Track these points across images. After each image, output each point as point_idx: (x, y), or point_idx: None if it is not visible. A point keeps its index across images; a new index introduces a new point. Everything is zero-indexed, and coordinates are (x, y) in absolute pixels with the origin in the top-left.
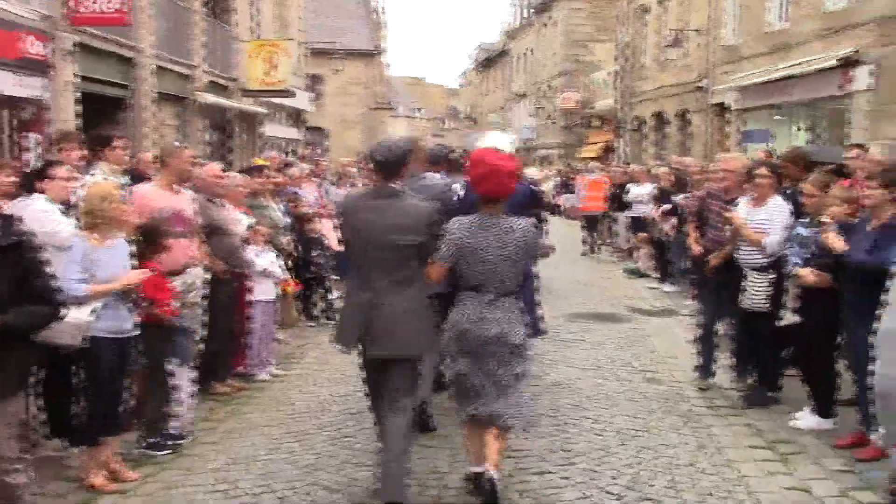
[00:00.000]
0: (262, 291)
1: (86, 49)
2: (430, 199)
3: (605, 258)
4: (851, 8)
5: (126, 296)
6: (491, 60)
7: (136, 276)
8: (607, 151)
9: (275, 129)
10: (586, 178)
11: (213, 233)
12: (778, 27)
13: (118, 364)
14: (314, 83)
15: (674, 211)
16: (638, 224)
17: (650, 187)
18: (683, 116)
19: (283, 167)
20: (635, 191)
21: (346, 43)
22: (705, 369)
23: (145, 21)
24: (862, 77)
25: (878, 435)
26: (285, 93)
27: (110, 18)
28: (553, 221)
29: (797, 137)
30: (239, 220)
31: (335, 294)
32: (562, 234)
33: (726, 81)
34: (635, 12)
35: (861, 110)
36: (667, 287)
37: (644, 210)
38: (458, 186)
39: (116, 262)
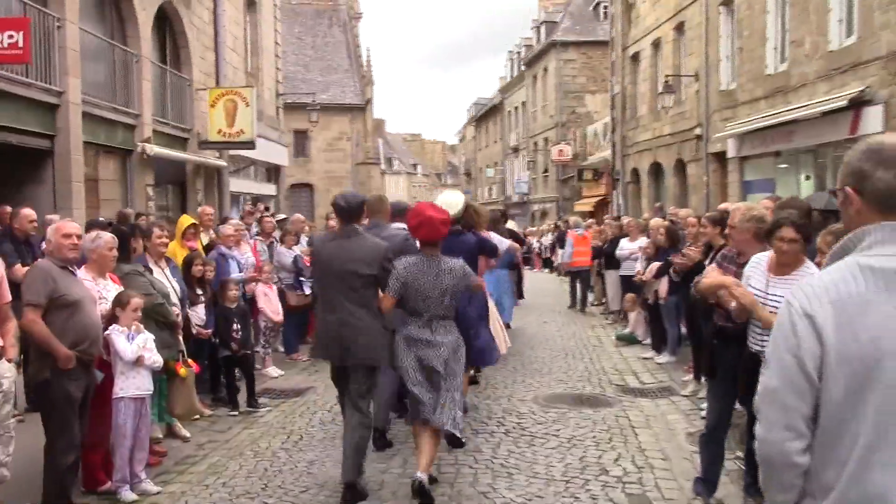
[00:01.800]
0: (130, 385)
1: None
2: (392, 245)
3: (596, 319)
4: (856, 45)
5: None
6: (486, 115)
7: None
8: (604, 205)
9: (245, 185)
10: (572, 234)
11: (56, 308)
12: (777, 69)
13: None
14: (299, 139)
15: (667, 269)
16: (629, 284)
17: (641, 242)
18: (681, 166)
19: (223, 222)
20: (625, 246)
21: (333, 97)
22: (707, 484)
23: (72, 64)
24: (872, 119)
25: None
26: (248, 144)
27: (5, 56)
28: (546, 277)
29: (803, 186)
30: (101, 291)
31: (274, 372)
32: (553, 288)
33: (724, 129)
34: (628, 61)
35: None
36: (662, 358)
37: (635, 268)
38: None
39: None
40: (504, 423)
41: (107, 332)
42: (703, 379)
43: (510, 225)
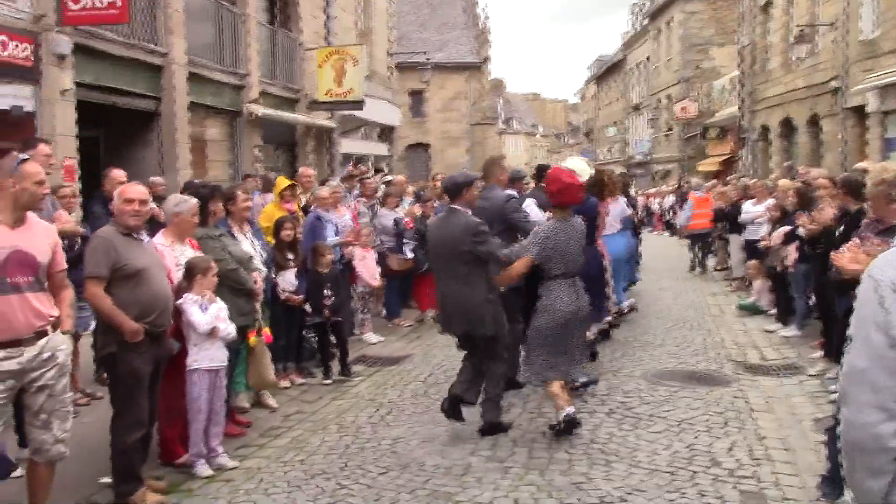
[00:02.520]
0: (204, 357)
1: (91, 53)
2: (492, 207)
3: (717, 285)
4: None
5: None
6: (608, 72)
7: None
8: (730, 164)
9: (357, 146)
10: (692, 196)
11: (120, 279)
12: None
13: None
14: (415, 99)
15: (795, 235)
16: (753, 249)
17: (768, 205)
18: (815, 123)
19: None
20: (750, 209)
21: (449, 56)
22: (836, 484)
23: (176, 24)
24: None
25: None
26: (357, 104)
27: (102, 16)
28: (666, 241)
29: None
30: (173, 259)
31: (373, 338)
32: (673, 252)
33: (864, 81)
34: (759, 10)
35: None
36: (788, 331)
37: (760, 232)
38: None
39: None
40: (607, 401)
41: (179, 301)
42: (835, 357)
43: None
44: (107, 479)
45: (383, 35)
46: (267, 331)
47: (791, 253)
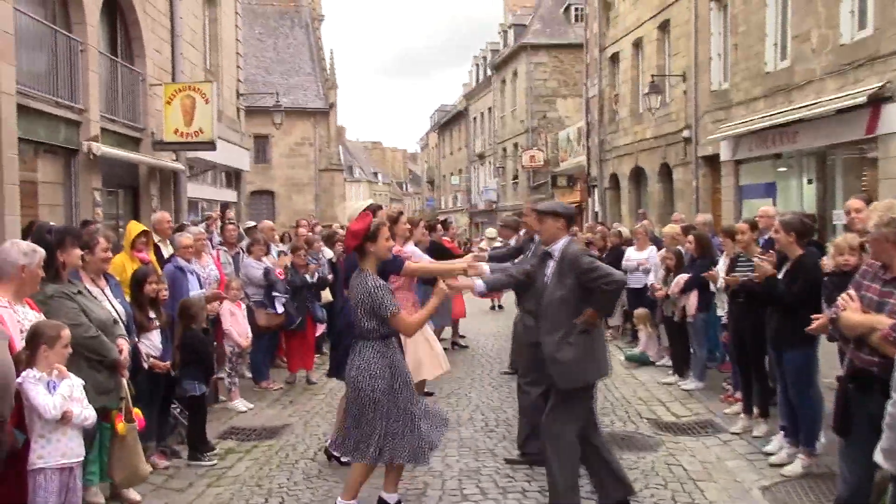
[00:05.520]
0: (53, 451)
1: None
2: None
3: None
4: (873, 38)
5: None
6: (450, 121)
7: None
8: (579, 212)
9: (203, 191)
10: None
11: None
12: (778, 66)
13: None
14: (260, 144)
15: (695, 283)
16: (638, 297)
17: (650, 252)
18: (667, 171)
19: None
20: (633, 255)
21: (295, 100)
22: None
23: (5, 49)
24: (893, 116)
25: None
26: (208, 145)
27: None
28: None
29: (805, 190)
30: (17, 324)
31: (241, 406)
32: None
33: (716, 130)
34: (606, 62)
35: (893, 156)
36: (687, 384)
37: (646, 280)
38: None
39: None
40: (537, 478)
41: (18, 379)
42: (754, 412)
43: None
44: None
45: (232, 74)
46: (138, 413)
47: (692, 301)
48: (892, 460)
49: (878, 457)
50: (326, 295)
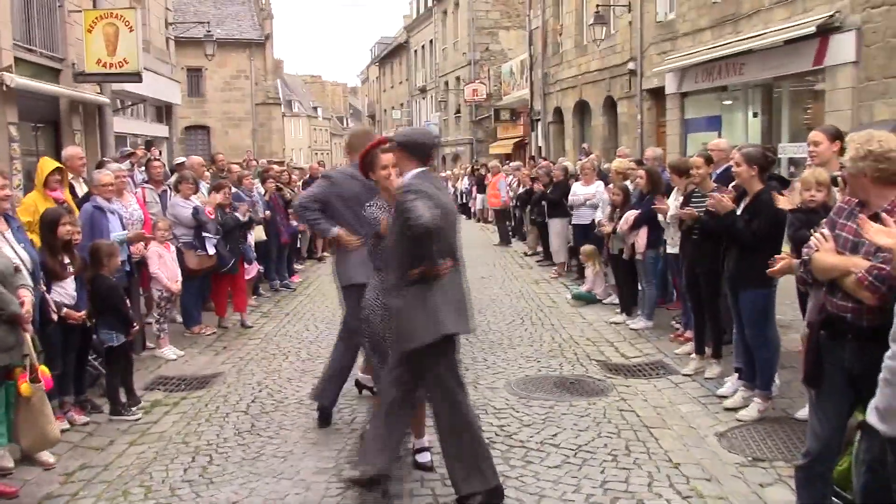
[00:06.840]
0: None
1: None
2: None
3: (536, 271)
4: None
5: None
6: (390, 54)
7: None
8: (522, 146)
9: (132, 125)
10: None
11: None
12: None
13: None
14: (193, 77)
15: (644, 219)
16: (584, 234)
17: (597, 187)
18: (611, 104)
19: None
20: (579, 191)
21: (230, 31)
22: None
23: None
24: (842, 47)
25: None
26: (133, 76)
27: None
28: (466, 225)
29: (751, 124)
30: None
31: (171, 353)
32: (478, 237)
33: (662, 62)
34: None
35: (840, 88)
36: (636, 322)
37: (593, 216)
38: None
39: None
40: (483, 427)
41: None
42: (706, 353)
43: None
44: None
45: (159, 2)
46: (45, 371)
47: (641, 238)
48: (891, 421)
49: (872, 417)
50: (260, 233)
